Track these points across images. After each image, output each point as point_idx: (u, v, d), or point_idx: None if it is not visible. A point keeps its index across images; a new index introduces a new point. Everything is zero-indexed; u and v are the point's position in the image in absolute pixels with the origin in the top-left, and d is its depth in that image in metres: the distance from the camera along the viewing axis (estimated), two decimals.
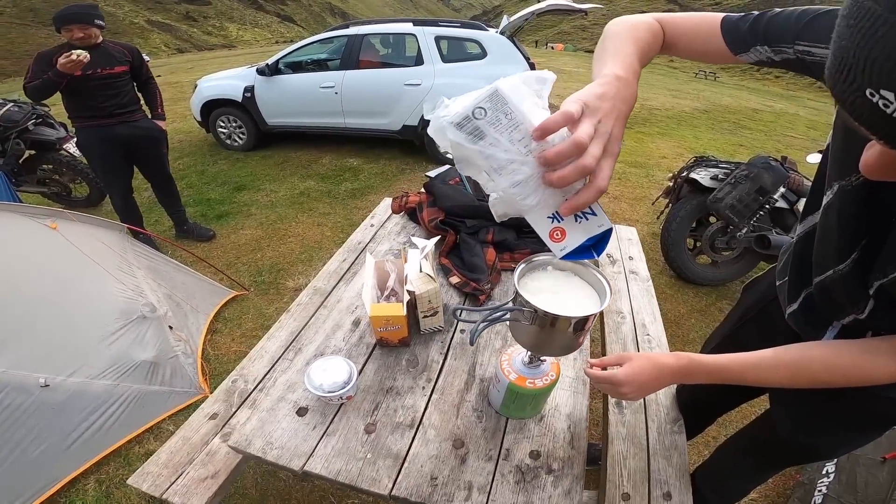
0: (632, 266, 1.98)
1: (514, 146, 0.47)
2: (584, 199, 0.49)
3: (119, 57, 2.73)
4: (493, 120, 0.45)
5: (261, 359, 1.50)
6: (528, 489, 0.81)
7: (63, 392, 1.65)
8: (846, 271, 0.65)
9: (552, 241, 0.54)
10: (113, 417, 1.76)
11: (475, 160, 0.48)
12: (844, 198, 0.63)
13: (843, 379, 0.67)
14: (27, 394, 1.57)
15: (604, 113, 0.50)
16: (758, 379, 0.72)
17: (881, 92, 0.31)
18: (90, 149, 2.83)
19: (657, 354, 0.78)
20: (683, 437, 1.17)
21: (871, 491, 1.47)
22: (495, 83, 0.45)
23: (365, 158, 5.11)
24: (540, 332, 0.71)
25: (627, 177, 4.68)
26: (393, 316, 1.02)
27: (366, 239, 2.02)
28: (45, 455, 1.59)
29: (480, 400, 0.98)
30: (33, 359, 1.65)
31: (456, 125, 0.46)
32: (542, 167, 0.48)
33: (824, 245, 0.69)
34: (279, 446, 0.90)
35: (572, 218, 0.52)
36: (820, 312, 0.76)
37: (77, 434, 1.67)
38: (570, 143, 0.45)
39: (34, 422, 1.58)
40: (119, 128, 2.78)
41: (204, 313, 2.45)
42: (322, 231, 3.58)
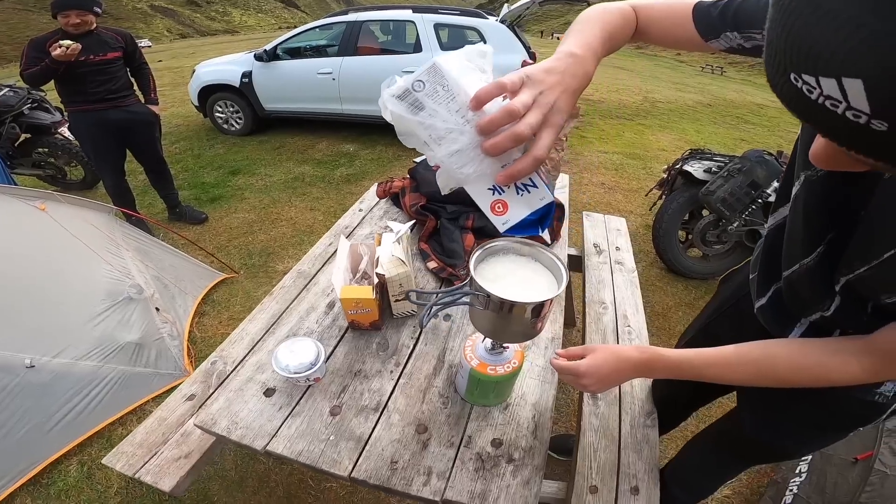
0: (618, 256, 1.97)
1: (452, 116, 0.47)
2: (519, 167, 0.48)
3: (112, 43, 2.74)
4: (430, 92, 0.46)
5: (241, 341, 1.50)
6: (487, 477, 0.81)
7: (48, 373, 1.66)
8: (812, 265, 0.64)
9: (494, 214, 0.53)
10: (97, 399, 1.77)
11: (415, 131, 0.49)
12: (810, 189, 0.61)
13: (807, 379, 0.66)
14: (13, 374, 1.59)
15: (548, 85, 0.50)
16: (720, 376, 0.71)
17: (803, 77, 0.30)
18: (82, 132, 2.85)
19: (622, 347, 0.78)
20: (656, 431, 1.17)
21: (838, 492, 1.46)
22: (434, 58, 0.47)
23: (361, 144, 5.09)
24: (496, 317, 0.70)
25: (624, 168, 4.65)
26: (363, 299, 1.02)
27: (353, 223, 2.01)
28: (29, 436, 1.60)
29: (447, 386, 0.98)
30: (19, 339, 1.66)
31: (397, 97, 0.47)
32: (479, 136, 0.48)
33: (792, 237, 0.68)
34: (244, 426, 0.90)
35: (514, 191, 0.52)
36: (788, 308, 0.75)
37: (61, 415, 1.68)
38: (502, 111, 0.45)
39: (19, 402, 1.59)
40: (112, 112, 2.79)
41: (192, 295, 2.45)
42: (314, 216, 3.58)
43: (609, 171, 4.55)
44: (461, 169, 0.49)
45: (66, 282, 1.94)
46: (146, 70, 3.04)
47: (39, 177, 3.85)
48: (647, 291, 2.69)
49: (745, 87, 12.49)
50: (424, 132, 0.48)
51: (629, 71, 12.26)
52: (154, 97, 3.07)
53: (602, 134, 5.83)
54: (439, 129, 0.48)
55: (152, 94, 3.06)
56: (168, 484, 1.11)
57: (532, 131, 0.47)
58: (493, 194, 0.52)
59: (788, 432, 0.90)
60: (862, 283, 0.57)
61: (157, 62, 12.84)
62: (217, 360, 1.44)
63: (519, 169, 0.48)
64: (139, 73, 3.01)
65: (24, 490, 1.59)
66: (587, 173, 4.47)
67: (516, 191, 0.52)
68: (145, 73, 3.03)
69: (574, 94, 0.52)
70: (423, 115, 0.47)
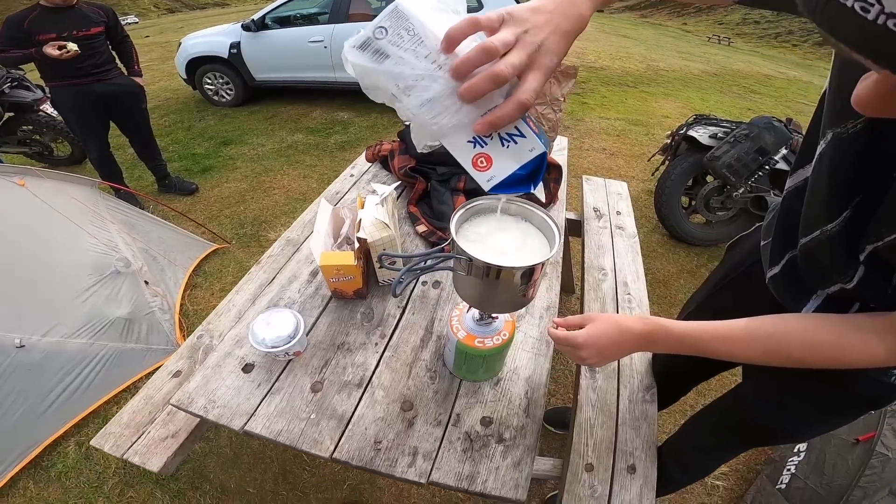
0: (619, 221, 1.90)
1: (422, 62, 0.41)
2: (501, 113, 0.41)
3: (94, 18, 2.67)
4: (394, 39, 0.40)
5: (228, 313, 1.45)
6: (476, 458, 0.76)
7: (39, 352, 1.62)
8: (835, 232, 0.56)
9: (476, 170, 0.47)
10: (90, 377, 1.74)
11: (381, 83, 0.43)
12: (838, 147, 0.53)
13: (820, 359, 0.60)
14: (4, 355, 1.55)
15: (534, 24, 0.43)
16: (727, 352, 0.65)
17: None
18: (65, 107, 2.80)
19: (624, 318, 0.71)
20: (655, 406, 1.12)
21: (837, 475, 1.41)
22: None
23: (356, 112, 4.94)
24: (481, 285, 0.63)
25: (626, 134, 4.50)
26: (344, 265, 0.95)
27: (344, 189, 1.93)
28: (25, 417, 1.58)
29: (435, 359, 0.93)
30: (7, 319, 1.62)
31: (357, 48, 0.41)
32: (454, 82, 0.41)
33: (813, 201, 0.60)
34: (221, 405, 0.85)
35: (498, 142, 0.45)
36: (804, 279, 0.68)
37: (55, 395, 1.65)
38: (477, 49, 0.39)
39: (12, 384, 1.55)
40: (96, 86, 2.74)
41: (182, 267, 2.40)
42: (308, 183, 3.51)
43: (611, 137, 4.41)
44: (435, 119, 0.43)
45: (50, 258, 1.87)
46: (128, 43, 2.97)
47: (27, 154, 3.79)
48: (649, 258, 2.62)
49: (752, 57, 12.13)
50: (391, 83, 0.42)
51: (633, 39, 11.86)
52: (137, 69, 3.00)
53: (604, 100, 5.65)
54: (407, 77, 0.41)
55: (136, 66, 2.99)
56: (156, 464, 1.07)
57: (514, 71, 0.40)
58: (475, 147, 0.46)
59: (794, 414, 0.84)
60: (891, 252, 0.50)
61: (145, 38, 12.50)
62: (203, 334, 1.39)
63: (500, 115, 0.41)
64: (121, 46, 2.93)
65: (25, 473, 1.57)
66: (588, 139, 4.34)
67: (500, 142, 0.45)
68: (127, 45, 2.96)
69: (566, 36, 0.45)
70: (389, 63, 0.41)
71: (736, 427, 0.98)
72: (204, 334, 1.39)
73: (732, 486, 1.61)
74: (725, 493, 1.59)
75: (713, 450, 1.09)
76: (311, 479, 1.55)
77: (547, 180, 1.42)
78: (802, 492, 1.43)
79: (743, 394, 0.94)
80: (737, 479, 1.63)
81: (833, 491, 1.38)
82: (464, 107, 0.42)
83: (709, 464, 1.17)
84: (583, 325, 0.72)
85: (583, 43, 9.53)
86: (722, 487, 1.60)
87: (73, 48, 2.46)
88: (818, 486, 1.42)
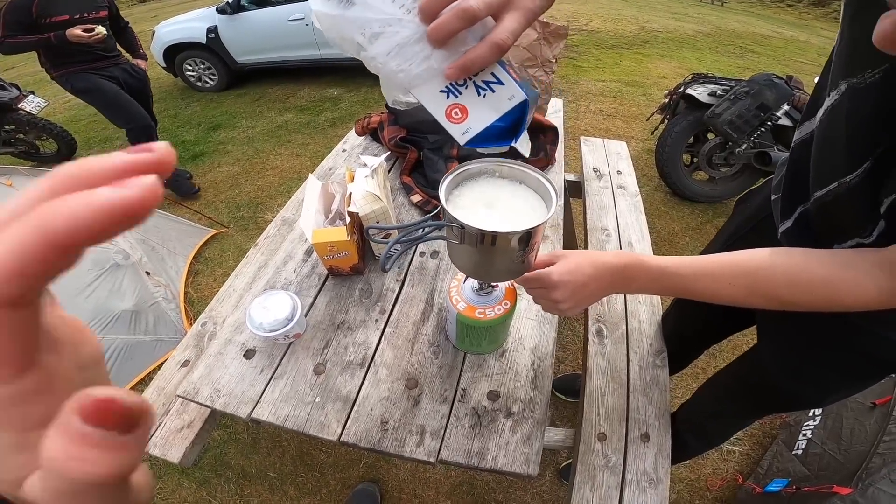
0: (620, 180, 1.85)
1: (388, 6, 0.37)
2: (474, 55, 0.38)
3: (100, 1, 2.59)
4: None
5: (229, 298, 1.43)
6: (485, 434, 0.75)
7: None
8: (854, 184, 0.52)
9: (451, 122, 0.44)
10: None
11: (346, 31, 0.39)
12: (857, 96, 0.50)
13: (809, 299, 0.55)
14: None
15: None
16: (709, 291, 0.60)
17: None
18: (93, 90, 2.67)
19: (597, 252, 0.65)
20: (666, 371, 1.09)
21: (855, 440, 1.38)
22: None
23: (346, 88, 4.83)
24: (476, 253, 0.59)
25: (623, 95, 4.38)
26: (337, 241, 0.92)
27: (337, 164, 1.88)
28: None
29: (437, 333, 0.91)
30: None
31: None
32: (423, 26, 0.37)
33: (827, 153, 0.57)
34: (227, 393, 0.84)
35: (473, 91, 0.42)
36: (817, 234, 0.64)
37: None
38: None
39: None
40: (112, 70, 2.71)
41: (182, 255, 2.38)
42: (301, 161, 3.46)
43: (607, 99, 4.30)
44: (403, 67, 0.39)
45: None
46: (130, 28, 2.90)
47: (13, 154, 3.72)
48: (652, 217, 2.58)
49: (747, 17, 11.71)
50: (357, 31, 0.39)
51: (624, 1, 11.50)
52: (143, 52, 2.94)
53: (598, 63, 5.48)
54: (374, 22, 0.38)
55: (140, 51, 2.92)
56: (176, 455, 1.06)
57: (487, 9, 0.37)
58: (448, 97, 0.42)
59: (812, 378, 0.80)
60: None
61: None
62: (207, 321, 1.37)
63: (472, 57, 0.38)
64: (124, 32, 2.85)
65: None
66: (584, 101, 4.23)
67: (476, 91, 0.42)
68: (130, 31, 2.89)
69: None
70: (355, 10, 0.38)
71: (752, 392, 0.95)
72: (207, 321, 1.38)
73: (748, 451, 1.60)
74: (741, 459, 1.58)
75: (730, 416, 1.07)
76: (327, 460, 1.57)
77: (543, 142, 1.37)
78: (820, 458, 1.40)
79: (759, 358, 0.90)
80: (752, 444, 1.62)
81: (851, 457, 1.35)
82: (434, 52, 0.38)
83: (725, 430, 1.15)
84: (551, 262, 0.65)
85: (573, 5, 9.24)
86: (738, 452, 1.60)
87: (101, 31, 2.40)
88: (836, 452, 1.39)
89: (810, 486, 1.31)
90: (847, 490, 1.22)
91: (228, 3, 4.59)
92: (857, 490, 1.22)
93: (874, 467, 1.28)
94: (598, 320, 1.23)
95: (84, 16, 2.44)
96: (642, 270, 0.62)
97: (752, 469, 1.52)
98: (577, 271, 0.63)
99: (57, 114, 4.66)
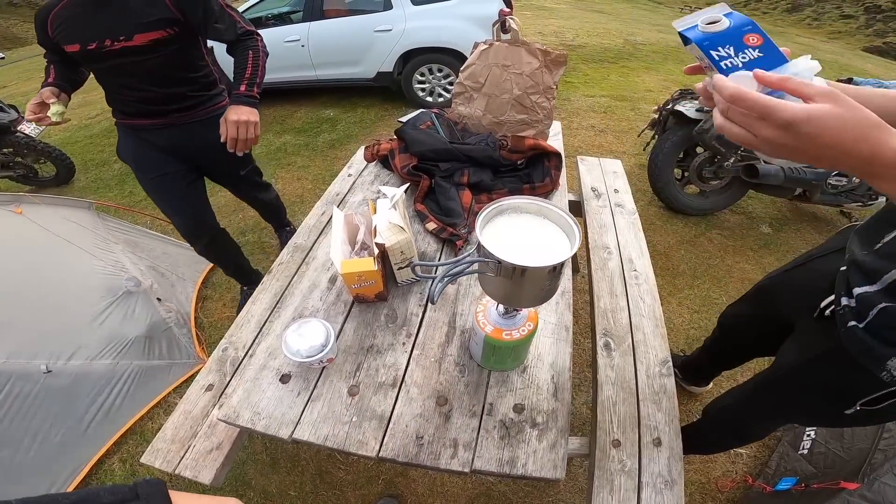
0: (617, 199, 1.94)
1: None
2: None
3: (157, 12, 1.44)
4: None
5: (248, 324, 1.48)
6: (514, 444, 0.81)
7: (67, 376, 1.67)
8: None
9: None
10: (120, 396, 1.79)
11: None
12: None
13: None
14: (32, 381, 1.59)
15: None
16: None
17: None
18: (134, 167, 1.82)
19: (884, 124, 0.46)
20: (672, 380, 1.17)
21: (857, 438, 1.46)
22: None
23: (342, 108, 4.91)
24: (508, 283, 0.67)
25: (613, 110, 4.52)
26: (365, 271, 0.99)
27: (344, 190, 1.95)
28: (66, 439, 1.63)
29: (462, 353, 0.97)
30: (30, 346, 1.65)
31: None
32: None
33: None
34: (266, 415, 0.90)
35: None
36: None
37: (90, 416, 1.70)
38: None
39: (48, 407, 1.60)
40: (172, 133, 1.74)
41: (191, 281, 2.42)
42: (303, 185, 3.50)
43: (598, 114, 4.43)
44: None
45: (60, 283, 1.90)
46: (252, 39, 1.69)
47: (11, 178, 3.72)
48: (648, 231, 2.66)
49: None
50: None
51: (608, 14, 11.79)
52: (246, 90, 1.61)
53: (587, 78, 5.65)
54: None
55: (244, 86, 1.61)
56: (207, 476, 1.11)
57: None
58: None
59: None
60: None
61: None
62: (227, 346, 1.42)
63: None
64: (236, 50, 1.67)
65: None
66: (576, 117, 4.36)
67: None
68: (246, 45, 1.66)
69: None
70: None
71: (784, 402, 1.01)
72: (228, 346, 1.43)
73: (755, 453, 1.66)
74: (749, 461, 1.64)
75: (765, 419, 1.12)
76: (346, 477, 1.60)
77: (548, 168, 1.46)
78: (825, 456, 1.48)
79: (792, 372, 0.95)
80: (758, 447, 1.68)
81: (854, 454, 1.44)
82: None
83: (759, 431, 1.21)
84: (811, 98, 0.46)
85: (559, 21, 9.45)
86: (745, 455, 1.66)
87: (55, 112, 1.46)
88: (840, 451, 1.47)
89: (818, 482, 1.38)
90: (854, 485, 1.30)
91: None
92: (863, 485, 1.30)
93: (877, 463, 1.37)
94: (606, 335, 1.31)
95: (106, 45, 1.42)
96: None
97: (760, 470, 1.58)
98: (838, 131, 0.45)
99: (52, 134, 4.61)
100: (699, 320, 2.17)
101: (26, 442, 1.54)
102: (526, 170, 1.47)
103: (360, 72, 4.64)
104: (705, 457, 1.62)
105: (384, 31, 4.37)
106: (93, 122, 5.24)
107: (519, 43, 1.51)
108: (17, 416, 1.53)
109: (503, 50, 1.53)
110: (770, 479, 1.50)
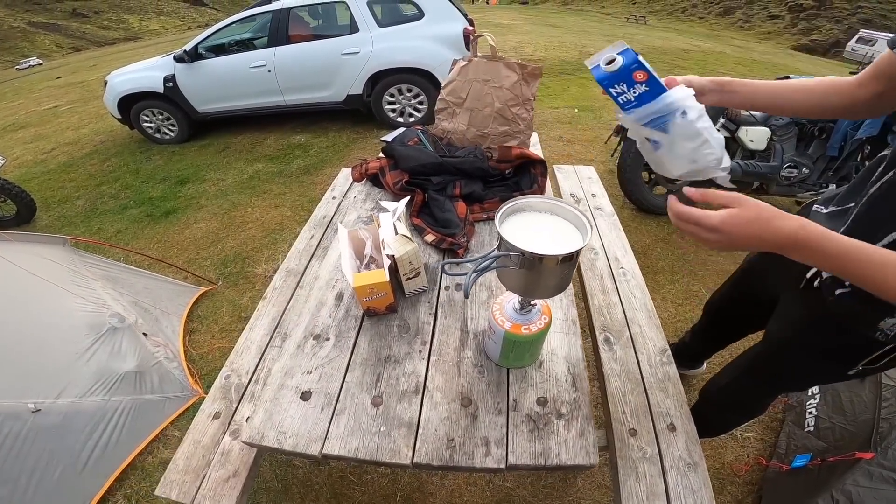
0: (596, 203, 2.04)
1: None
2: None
3: None
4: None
5: (248, 350, 1.47)
6: (544, 436, 0.84)
7: (57, 414, 1.62)
8: None
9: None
10: (116, 432, 1.74)
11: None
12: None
13: None
14: (21, 421, 1.54)
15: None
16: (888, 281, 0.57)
17: None
18: None
19: (780, 214, 0.61)
20: (674, 367, 1.23)
21: (858, 410, 1.52)
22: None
23: (312, 133, 4.92)
24: (529, 274, 0.72)
25: (578, 120, 4.72)
26: (377, 283, 1.01)
27: (330, 212, 1.98)
28: (65, 477, 1.58)
29: (478, 354, 1.00)
30: (15, 385, 1.61)
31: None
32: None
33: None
34: (293, 434, 0.89)
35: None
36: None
37: (87, 453, 1.65)
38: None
39: (41, 446, 1.56)
40: None
41: (176, 315, 2.36)
42: (281, 212, 3.48)
43: (564, 125, 4.61)
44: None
45: (42, 322, 1.84)
46: None
47: None
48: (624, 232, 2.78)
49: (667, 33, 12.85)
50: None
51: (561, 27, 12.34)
52: None
53: (549, 91, 5.87)
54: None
55: None
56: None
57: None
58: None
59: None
60: None
61: (56, 79, 11.90)
62: (230, 374, 1.41)
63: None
64: None
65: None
66: (544, 129, 4.52)
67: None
68: None
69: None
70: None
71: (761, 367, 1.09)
72: (231, 374, 1.42)
73: (762, 436, 1.72)
74: (758, 444, 1.70)
75: (763, 391, 1.19)
76: (362, 498, 1.58)
77: (535, 174, 1.52)
78: (832, 431, 1.53)
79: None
80: (763, 430, 1.74)
81: (860, 426, 1.49)
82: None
83: (759, 405, 1.26)
84: (728, 205, 0.63)
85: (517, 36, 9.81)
86: (752, 438, 1.72)
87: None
88: (845, 423, 1.52)
89: (833, 456, 1.41)
90: (869, 455, 1.34)
91: (186, 52, 4.58)
92: (878, 453, 1.34)
93: (884, 431, 1.41)
94: (604, 330, 1.37)
95: None
96: (819, 250, 0.60)
97: (771, 451, 1.63)
98: (747, 226, 0.61)
99: (6, 172, 4.42)
100: (684, 313, 2.27)
101: (23, 480, 1.49)
102: (514, 178, 1.54)
103: (329, 95, 4.67)
104: (714, 442, 1.67)
105: (352, 53, 4.43)
106: (49, 157, 5.07)
107: (496, 58, 1.59)
108: (9, 455, 1.49)
109: (482, 65, 1.60)
110: (784, 458, 1.54)
